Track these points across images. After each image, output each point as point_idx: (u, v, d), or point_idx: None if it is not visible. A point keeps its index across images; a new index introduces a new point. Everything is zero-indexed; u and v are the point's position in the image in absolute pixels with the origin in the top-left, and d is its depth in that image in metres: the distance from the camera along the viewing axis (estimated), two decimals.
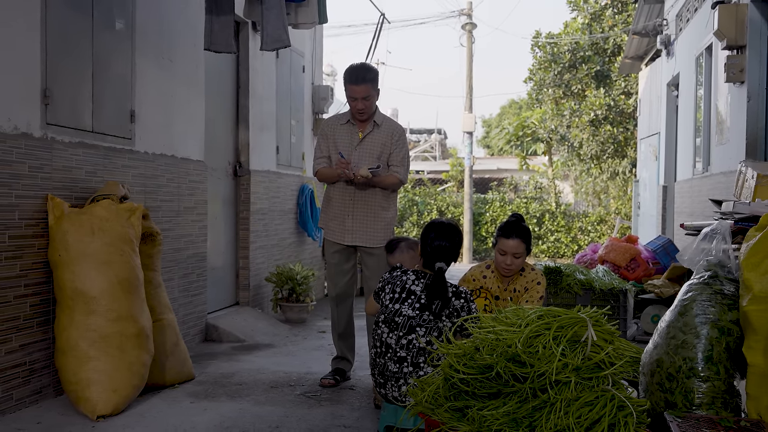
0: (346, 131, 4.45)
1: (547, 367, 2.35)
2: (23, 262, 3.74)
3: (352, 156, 4.37)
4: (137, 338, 3.86)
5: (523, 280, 3.89)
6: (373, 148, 4.40)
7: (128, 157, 4.68)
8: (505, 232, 3.83)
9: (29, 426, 3.46)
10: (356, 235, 4.41)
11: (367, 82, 4.30)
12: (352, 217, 4.41)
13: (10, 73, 3.65)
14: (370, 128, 4.43)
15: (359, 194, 4.38)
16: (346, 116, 4.49)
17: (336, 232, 4.46)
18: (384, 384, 3.38)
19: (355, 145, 4.40)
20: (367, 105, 4.33)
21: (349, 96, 4.34)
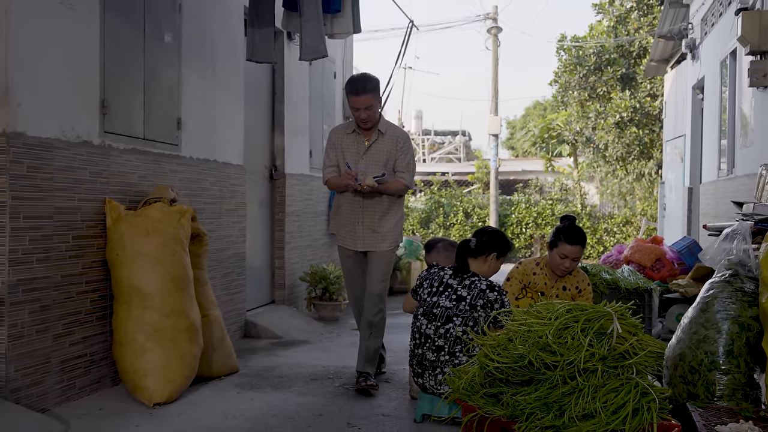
0: (353, 140, 4.54)
1: (576, 357, 2.57)
2: (84, 260, 4.02)
3: (359, 164, 4.46)
4: (188, 332, 4.13)
5: (573, 280, 4.13)
6: (379, 155, 4.50)
7: (175, 162, 4.96)
8: (569, 238, 4.07)
9: (92, 412, 3.74)
10: (366, 241, 4.52)
11: (368, 92, 4.38)
12: (362, 224, 4.51)
13: (74, 85, 3.93)
14: (375, 136, 4.52)
15: (367, 202, 4.49)
16: (352, 126, 4.58)
17: (347, 238, 4.57)
18: (421, 374, 3.61)
19: (362, 154, 4.49)
20: (370, 114, 4.40)
21: (352, 107, 4.43)
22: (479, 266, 3.77)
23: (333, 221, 4.74)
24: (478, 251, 3.77)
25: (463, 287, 3.63)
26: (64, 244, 3.86)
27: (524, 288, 4.25)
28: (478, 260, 3.77)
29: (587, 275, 4.43)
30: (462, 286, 3.64)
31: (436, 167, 26.10)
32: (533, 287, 4.23)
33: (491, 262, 3.80)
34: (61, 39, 3.83)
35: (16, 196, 3.52)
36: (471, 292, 3.60)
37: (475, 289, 3.61)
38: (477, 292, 3.59)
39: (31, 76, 3.62)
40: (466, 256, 3.78)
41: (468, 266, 3.75)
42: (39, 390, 3.66)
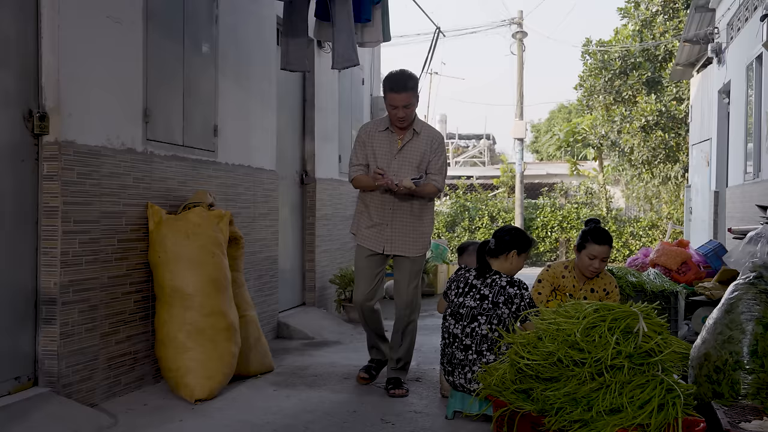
0: (385, 139, 4.38)
1: (603, 354, 2.69)
2: (128, 262, 4.21)
3: (392, 164, 4.32)
4: (227, 331, 4.29)
5: (601, 282, 4.24)
6: (413, 156, 4.35)
7: (212, 168, 5.14)
8: (597, 239, 4.19)
9: (137, 407, 3.92)
10: (395, 244, 4.39)
11: (408, 90, 4.24)
12: (391, 227, 4.38)
13: (119, 95, 4.12)
14: (410, 136, 4.37)
15: (398, 204, 4.36)
16: (384, 123, 4.42)
17: (372, 239, 4.42)
18: (452, 372, 3.75)
19: (395, 154, 4.35)
20: (407, 113, 4.26)
21: (389, 104, 4.27)
22: (501, 265, 3.89)
23: (356, 221, 4.56)
24: (498, 250, 3.90)
25: (485, 286, 3.76)
26: (110, 247, 4.05)
27: (554, 290, 4.37)
28: (500, 259, 3.90)
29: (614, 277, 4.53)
30: (484, 285, 3.77)
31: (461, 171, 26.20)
32: (562, 290, 4.34)
33: (513, 259, 3.91)
34: (107, 51, 4.02)
35: (67, 201, 3.71)
36: (492, 290, 3.73)
37: (495, 286, 3.73)
38: (498, 289, 3.72)
39: (81, 88, 3.81)
40: (487, 257, 3.91)
41: (489, 266, 3.87)
42: (88, 386, 3.85)
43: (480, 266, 3.89)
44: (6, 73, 3.47)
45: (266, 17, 6.05)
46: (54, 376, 3.65)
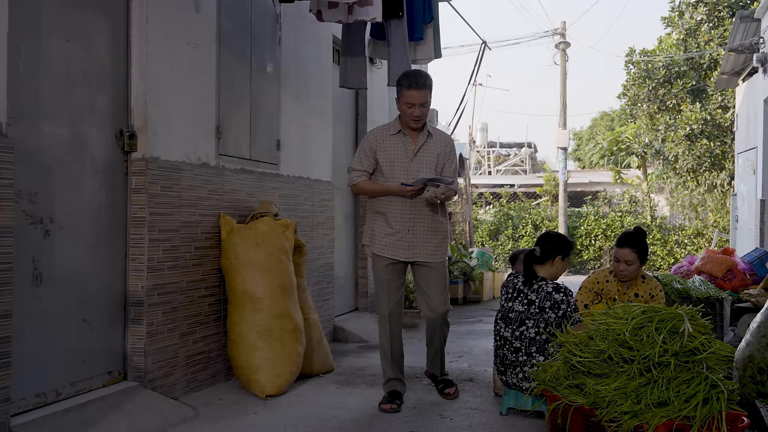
0: (398, 143, 4.24)
1: (651, 352, 2.92)
2: (203, 268, 4.56)
3: (409, 168, 4.20)
4: (293, 333, 4.61)
5: (645, 287, 4.43)
6: (429, 159, 4.25)
7: (275, 180, 5.48)
8: (618, 242, 4.44)
9: (214, 401, 4.25)
10: (417, 250, 4.24)
11: (426, 88, 4.16)
12: (413, 233, 4.23)
13: (196, 115, 4.49)
14: (424, 139, 4.25)
15: (419, 209, 4.22)
16: (395, 126, 4.29)
17: (392, 247, 4.24)
18: (505, 372, 4.00)
19: (411, 157, 4.22)
20: (423, 112, 4.17)
21: (405, 102, 4.17)
22: (547, 270, 4.13)
23: (369, 231, 4.37)
24: (544, 257, 4.13)
25: (532, 292, 4.00)
26: (188, 254, 4.41)
27: (598, 295, 4.58)
28: (545, 265, 4.13)
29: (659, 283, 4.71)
30: (531, 291, 4.01)
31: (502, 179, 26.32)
32: (606, 294, 4.55)
33: (557, 264, 4.15)
34: (186, 74, 4.39)
35: (153, 211, 4.07)
36: (539, 295, 3.97)
37: (542, 292, 3.97)
38: (544, 294, 3.96)
39: (163, 108, 4.18)
40: (533, 264, 4.14)
41: (536, 273, 4.10)
42: (169, 381, 4.20)
43: (527, 273, 4.13)
44: (101, 96, 3.85)
45: (323, 37, 6.40)
46: (141, 371, 4.01)
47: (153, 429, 3.59)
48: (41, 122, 3.46)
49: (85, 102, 3.73)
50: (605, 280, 4.57)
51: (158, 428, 3.62)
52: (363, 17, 4.88)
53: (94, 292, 3.82)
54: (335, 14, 4.92)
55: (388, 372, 4.34)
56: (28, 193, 3.35)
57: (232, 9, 4.86)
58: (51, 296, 3.50)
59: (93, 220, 3.80)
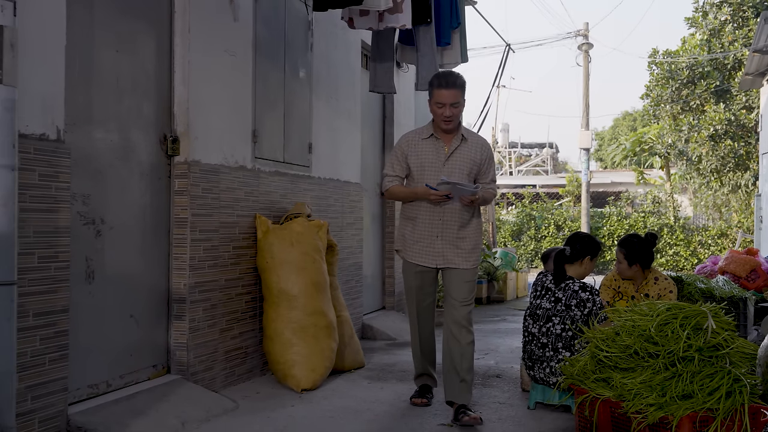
0: (431, 147, 4.11)
1: (675, 347, 3.05)
2: (240, 267, 4.74)
3: (441, 173, 4.04)
4: (327, 329, 4.78)
5: (656, 287, 4.57)
6: (463, 163, 4.09)
7: (307, 181, 5.66)
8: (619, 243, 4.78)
9: (252, 394, 4.44)
10: (447, 257, 4.10)
11: (457, 88, 4.02)
12: (442, 239, 4.08)
13: (233, 120, 4.68)
14: (457, 142, 4.11)
15: (448, 214, 4.07)
16: (427, 130, 4.16)
17: (422, 254, 4.13)
18: (532, 367, 4.14)
19: (444, 161, 4.08)
20: (454, 112, 4.02)
21: (435, 102, 4.04)
22: (576, 270, 4.26)
23: (400, 236, 4.28)
24: (574, 257, 4.27)
25: (560, 290, 4.14)
26: (227, 253, 4.59)
27: (617, 293, 4.74)
28: (574, 265, 4.27)
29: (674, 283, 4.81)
30: (559, 289, 4.14)
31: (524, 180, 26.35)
32: (624, 292, 4.72)
33: (586, 264, 4.29)
34: (224, 81, 4.58)
35: (194, 213, 4.26)
36: (566, 293, 4.10)
37: (569, 290, 4.10)
38: (570, 293, 4.09)
39: (204, 114, 4.37)
40: (563, 263, 4.28)
41: (565, 272, 4.24)
42: (210, 375, 4.39)
43: (557, 272, 4.26)
44: (147, 103, 4.05)
45: (352, 42, 6.57)
46: (184, 365, 4.20)
47: (197, 419, 3.77)
48: (93, 128, 3.66)
49: (132, 109, 3.93)
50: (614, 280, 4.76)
51: (202, 419, 3.80)
52: (393, 24, 5.05)
53: (141, 289, 4.01)
54: (366, 21, 5.10)
55: (418, 367, 4.42)
56: (81, 195, 3.55)
57: (267, 17, 5.04)
58: (102, 293, 3.70)
59: (139, 221, 4.00)
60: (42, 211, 3.18)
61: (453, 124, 4.08)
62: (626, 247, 4.62)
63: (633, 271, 4.64)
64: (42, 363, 3.18)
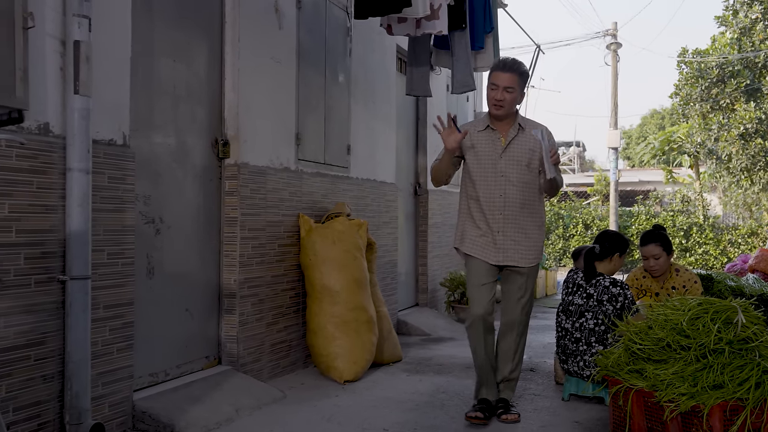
0: (486, 138, 3.96)
1: (706, 340, 3.20)
2: (285, 264, 4.97)
3: (498, 165, 3.91)
4: (368, 324, 4.99)
5: (679, 279, 4.72)
6: (521, 155, 3.91)
7: (346, 182, 5.88)
8: (642, 241, 4.83)
9: (297, 385, 4.66)
10: (508, 254, 3.94)
11: (514, 72, 3.86)
12: (503, 234, 3.93)
13: (278, 123, 4.90)
14: (514, 132, 3.94)
15: (509, 208, 3.92)
16: (483, 122, 4.01)
17: (485, 249, 3.97)
18: (566, 360, 4.31)
19: (500, 153, 3.93)
20: (506, 97, 3.84)
21: (490, 83, 3.88)
22: (605, 266, 4.43)
23: (460, 232, 4.13)
24: (603, 254, 4.44)
25: (591, 286, 4.30)
26: (273, 251, 4.82)
27: (639, 290, 4.89)
28: (604, 262, 4.44)
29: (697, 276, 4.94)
30: (590, 285, 4.31)
31: None
32: (648, 289, 4.86)
33: (615, 260, 4.46)
34: (270, 87, 4.80)
35: (244, 212, 4.49)
36: (597, 289, 4.27)
37: (600, 286, 4.27)
38: (602, 289, 4.25)
39: (252, 118, 4.60)
40: (593, 261, 4.44)
41: (595, 269, 4.40)
42: (257, 366, 4.62)
43: (587, 269, 4.43)
44: (200, 109, 4.29)
45: (388, 46, 6.77)
46: (234, 357, 4.43)
47: (249, 407, 4.00)
48: (153, 133, 3.90)
49: (187, 114, 4.17)
50: (642, 277, 4.87)
51: (253, 407, 4.03)
52: (430, 30, 5.23)
53: (194, 284, 4.26)
54: (404, 28, 5.29)
55: (480, 378, 4.08)
56: (143, 196, 3.80)
57: (310, 24, 5.26)
58: (161, 288, 3.94)
59: (193, 220, 4.24)
60: (110, 210, 3.43)
61: (504, 110, 3.88)
62: (662, 240, 4.73)
63: (668, 263, 4.75)
64: (111, 352, 3.43)
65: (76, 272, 3.13)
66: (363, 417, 3.97)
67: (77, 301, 3.14)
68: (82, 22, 3.10)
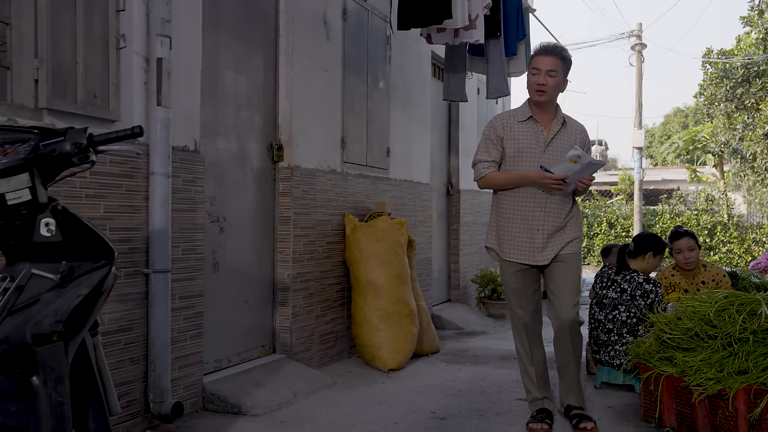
0: (529, 130, 3.66)
1: (732, 329, 3.48)
2: (332, 260, 5.30)
3: (541, 160, 3.61)
4: (409, 316, 5.31)
5: (708, 274, 4.99)
6: (564, 149, 3.62)
7: (386, 183, 6.20)
8: (674, 236, 5.11)
9: (344, 373, 4.99)
10: (548, 250, 3.68)
11: (556, 56, 3.62)
12: (543, 231, 3.65)
13: (326, 128, 5.23)
14: (558, 126, 3.68)
15: (550, 206, 3.65)
16: (524, 112, 3.70)
17: (521, 251, 3.69)
18: (598, 350, 4.60)
19: (544, 147, 3.65)
20: (549, 82, 3.59)
21: (532, 68, 3.65)
22: (639, 264, 4.70)
23: (493, 233, 3.81)
24: (637, 252, 4.72)
25: (625, 281, 4.59)
26: (321, 248, 5.16)
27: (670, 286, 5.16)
28: (637, 259, 4.71)
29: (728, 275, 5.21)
30: (624, 281, 4.59)
31: None
32: (677, 285, 5.13)
33: (648, 259, 4.72)
34: (319, 94, 5.14)
35: (296, 211, 4.83)
36: (631, 285, 4.55)
37: (633, 282, 4.55)
38: (635, 284, 4.53)
39: (303, 123, 4.93)
40: (626, 257, 4.72)
41: (628, 265, 4.69)
42: (308, 355, 4.96)
43: (620, 265, 4.71)
44: (257, 116, 4.63)
45: (423, 53, 7.08)
46: (287, 346, 4.77)
47: (305, 391, 4.34)
48: (218, 139, 4.25)
49: (246, 121, 4.52)
50: (671, 275, 5.14)
51: (308, 391, 4.37)
52: (467, 39, 5.54)
53: (252, 278, 4.60)
54: (443, 37, 5.60)
55: (533, 391, 3.87)
56: (209, 197, 4.14)
57: (354, 35, 5.59)
58: (224, 281, 4.29)
59: (251, 219, 4.58)
60: (184, 210, 3.77)
61: (546, 96, 3.62)
62: (693, 236, 5.02)
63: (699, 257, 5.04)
64: (185, 339, 3.78)
65: (159, 266, 3.48)
66: (410, 401, 4.29)
67: (159, 292, 3.49)
68: (164, 41, 3.45)
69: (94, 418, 2.40)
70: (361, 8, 5.70)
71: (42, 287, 2.19)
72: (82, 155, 2.22)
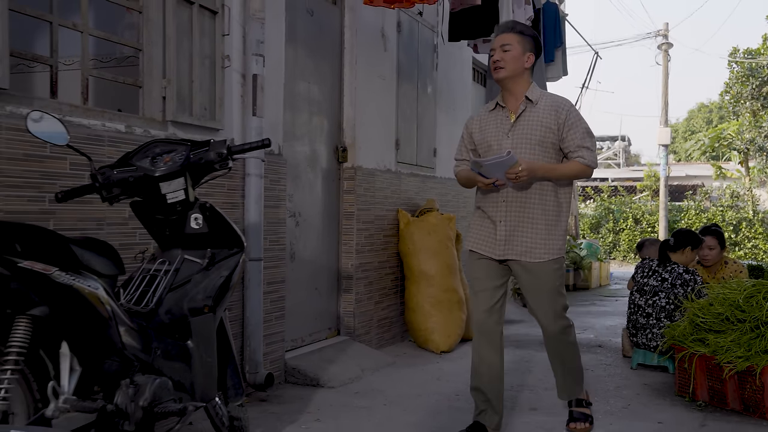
0: (495, 119, 3.42)
1: (760, 314, 3.93)
2: (387, 252, 5.80)
3: (503, 145, 3.30)
4: (458, 304, 5.80)
5: (728, 270, 5.43)
6: (532, 131, 3.29)
7: (433, 181, 6.68)
8: (702, 232, 5.58)
9: (400, 354, 5.49)
10: (509, 245, 3.34)
11: (509, 31, 3.36)
12: (505, 223, 3.33)
13: (383, 132, 5.73)
14: (523, 107, 3.34)
15: (513, 194, 3.32)
16: (494, 102, 3.49)
17: (482, 241, 3.43)
18: (635, 334, 5.07)
19: (507, 131, 3.33)
20: (505, 57, 3.30)
21: (490, 51, 3.44)
22: (678, 257, 5.15)
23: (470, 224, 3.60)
24: (677, 246, 5.16)
25: (666, 272, 5.04)
26: (379, 241, 5.65)
27: None
28: (677, 253, 5.16)
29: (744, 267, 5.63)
30: (665, 271, 5.04)
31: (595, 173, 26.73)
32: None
33: (687, 253, 5.17)
34: (377, 100, 5.63)
35: (359, 207, 5.33)
36: (671, 275, 5.00)
37: (674, 272, 5.00)
38: (676, 274, 4.98)
39: (364, 127, 5.43)
40: (667, 251, 5.17)
41: (669, 258, 5.14)
42: (368, 338, 5.46)
43: (661, 257, 5.17)
44: (326, 121, 5.13)
45: (465, 59, 7.55)
46: (350, 329, 5.28)
47: (370, 368, 4.84)
48: (295, 143, 4.76)
49: (317, 126, 5.02)
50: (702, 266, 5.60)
51: (373, 368, 4.87)
52: None
53: (321, 267, 5.11)
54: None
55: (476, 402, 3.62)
56: (288, 195, 4.65)
57: (406, 45, 6.07)
58: (299, 270, 4.80)
59: (321, 214, 5.09)
60: (270, 207, 4.29)
61: (505, 72, 3.32)
62: (717, 235, 5.47)
63: (720, 255, 5.48)
64: (271, 319, 4.30)
65: (253, 255, 3.99)
66: (465, 378, 4.73)
67: (253, 278, 4.00)
68: (259, 60, 3.96)
69: (231, 377, 2.93)
70: (413, 20, 6.18)
71: (192, 270, 2.71)
72: (223, 162, 2.74)
